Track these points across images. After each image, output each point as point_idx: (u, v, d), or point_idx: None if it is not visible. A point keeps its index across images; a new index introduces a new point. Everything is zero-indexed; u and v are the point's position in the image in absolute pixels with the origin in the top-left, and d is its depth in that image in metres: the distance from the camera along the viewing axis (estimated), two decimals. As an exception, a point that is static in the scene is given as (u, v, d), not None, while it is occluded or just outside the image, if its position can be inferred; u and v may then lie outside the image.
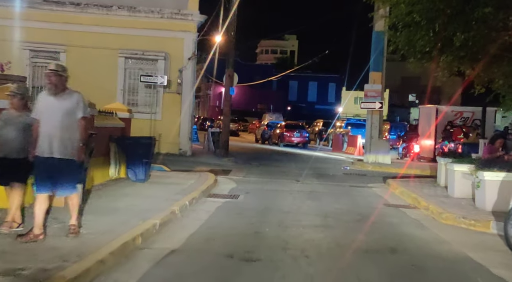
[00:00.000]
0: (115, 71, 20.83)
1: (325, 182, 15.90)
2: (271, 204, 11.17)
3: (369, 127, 22.41)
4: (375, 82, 22.34)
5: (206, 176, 14.28)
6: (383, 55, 22.27)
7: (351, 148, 30.46)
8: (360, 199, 12.54)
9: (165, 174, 14.11)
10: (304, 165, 22.23)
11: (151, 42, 20.91)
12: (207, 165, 19.00)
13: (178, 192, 11.02)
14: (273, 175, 17.41)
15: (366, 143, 22.63)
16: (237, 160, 22.26)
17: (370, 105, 22.22)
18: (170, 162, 18.53)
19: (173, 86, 21.05)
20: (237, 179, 15.35)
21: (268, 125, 38.51)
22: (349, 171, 20.47)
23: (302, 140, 34.49)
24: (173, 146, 21.08)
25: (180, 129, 21.13)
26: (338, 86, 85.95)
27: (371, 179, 17.62)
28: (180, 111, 21.11)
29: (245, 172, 17.65)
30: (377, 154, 22.29)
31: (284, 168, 20.47)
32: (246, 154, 26.53)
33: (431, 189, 13.57)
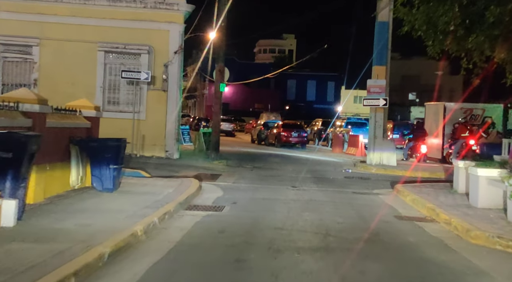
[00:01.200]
0: (93, 67, 18.99)
1: (324, 188, 14.09)
2: (261, 218, 9.35)
3: (373, 126, 20.60)
4: (378, 77, 20.53)
5: (189, 182, 12.46)
6: (387, 47, 20.46)
7: (352, 148, 28.65)
8: (366, 210, 10.73)
9: (142, 181, 12.30)
10: (302, 167, 20.43)
11: (133, 34, 19.08)
12: (194, 169, 17.19)
13: (149, 204, 9.20)
14: (267, 180, 15.61)
15: (369, 143, 20.82)
16: (229, 162, 20.45)
17: (373, 102, 20.41)
18: (153, 166, 16.74)
19: (158, 82, 19.23)
20: (225, 186, 13.53)
21: (265, 125, 36.71)
22: (351, 174, 18.66)
23: (300, 140, 32.68)
24: (158, 148, 19.27)
25: (166, 130, 19.30)
26: (337, 85, 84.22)
27: (376, 183, 15.82)
28: (166, 110, 19.29)
29: (236, 177, 15.85)
30: (382, 155, 20.49)
31: (280, 171, 18.67)
32: (239, 156, 24.71)
33: (448, 196, 11.75)
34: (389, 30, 20.33)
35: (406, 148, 24.37)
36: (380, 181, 16.64)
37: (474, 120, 23.23)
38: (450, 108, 23.24)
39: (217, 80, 19.79)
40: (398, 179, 17.35)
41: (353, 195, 12.97)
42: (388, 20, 20.30)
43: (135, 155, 18.84)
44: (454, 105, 23.53)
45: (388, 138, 20.89)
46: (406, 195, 12.10)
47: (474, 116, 23.37)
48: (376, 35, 20.45)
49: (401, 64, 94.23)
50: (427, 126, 24.85)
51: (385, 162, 20.47)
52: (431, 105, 25.20)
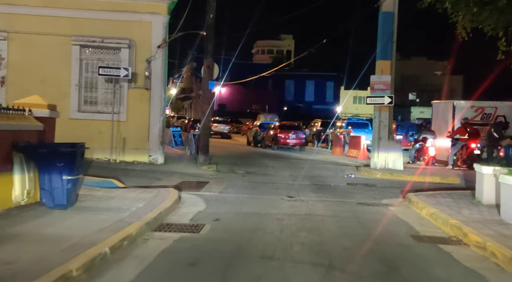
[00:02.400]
0: (68, 63, 17.14)
1: (325, 198, 12.24)
2: (247, 242, 7.51)
3: (377, 126, 18.75)
4: (383, 73, 18.69)
5: (166, 194, 10.61)
6: (392, 40, 18.61)
7: (354, 150, 26.80)
8: (377, 228, 8.87)
9: (110, 192, 10.43)
10: (299, 172, 18.59)
11: (112, 26, 17.24)
12: (179, 176, 15.35)
13: (107, 226, 7.36)
14: (259, 188, 13.77)
15: (374, 144, 18.98)
16: (220, 167, 18.62)
17: (377, 100, 18.58)
18: (132, 174, 14.92)
19: (140, 80, 17.39)
20: (210, 196, 11.69)
21: (261, 126, 34.83)
22: (354, 179, 16.82)
23: (298, 142, 30.81)
24: (141, 153, 17.43)
25: (149, 132, 17.45)
26: (336, 85, 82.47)
27: (383, 191, 13.98)
28: (149, 110, 17.44)
29: (224, 185, 14.00)
30: (387, 158, 18.65)
31: (275, 177, 16.82)
32: (232, 160, 22.87)
33: (472, 209, 9.91)
34: (395, 21, 18.50)
35: (412, 150, 22.53)
36: (387, 188, 14.80)
37: (485, 119, 21.42)
38: (460, 106, 21.42)
39: (206, 78, 17.95)
40: (406, 185, 15.55)
41: (359, 206, 11.12)
42: (393, 10, 18.48)
43: (114, 161, 17.01)
44: (464, 103, 21.70)
45: (394, 140, 19.07)
46: (422, 207, 10.25)
47: (486, 115, 21.55)
48: (380, 27, 18.62)
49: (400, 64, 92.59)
50: (434, 127, 23.03)
51: (391, 166, 18.63)
52: (439, 104, 23.36)
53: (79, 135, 17.01)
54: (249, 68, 71.17)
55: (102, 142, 17.03)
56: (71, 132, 16.95)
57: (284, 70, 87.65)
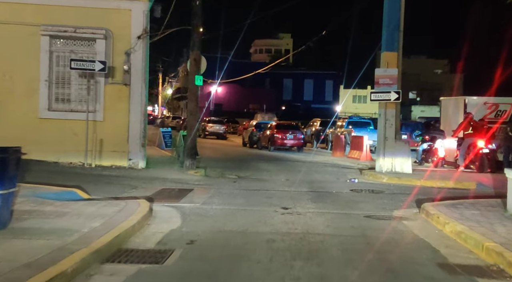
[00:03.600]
0: (36, 56, 15.32)
1: (326, 209, 10.42)
2: (225, 277, 5.70)
3: (382, 125, 16.94)
4: (389, 66, 16.88)
5: (135, 207, 8.78)
6: (399, 29, 16.81)
7: (355, 151, 25.00)
8: (392, 251, 7.06)
9: (64, 207, 8.59)
10: (297, 176, 16.80)
11: (86, 15, 15.45)
12: (161, 182, 13.55)
13: (39, 257, 5.54)
14: (250, 197, 11.95)
15: (379, 145, 17.17)
16: (209, 171, 16.85)
17: (383, 96, 16.77)
18: (105, 181, 13.11)
19: (118, 75, 15.58)
20: (190, 209, 9.87)
21: (257, 126, 33.01)
22: (358, 185, 15.03)
23: (296, 143, 29.01)
24: (120, 156, 15.61)
25: (129, 133, 15.65)
26: (336, 84, 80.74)
27: (393, 199, 12.16)
28: (129, 109, 15.63)
29: (210, 193, 12.19)
30: (394, 160, 16.84)
31: (269, 182, 15.01)
32: (225, 162, 21.07)
33: (507, 224, 8.09)
34: (402, 8, 16.71)
35: (420, 151, 20.74)
36: (397, 195, 12.99)
37: (500, 117, 19.62)
38: (472, 103, 19.61)
39: (192, 72, 16.12)
40: (417, 191, 13.75)
41: (366, 220, 9.30)
42: (399, -4, 16.72)
43: (89, 165, 15.19)
44: (476, 99, 19.89)
45: (401, 140, 17.26)
46: (444, 222, 8.43)
47: (500, 112, 19.75)
48: (386, 14, 16.81)
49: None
50: (443, 126, 21.23)
51: (398, 169, 16.82)
52: (449, 101, 21.54)
53: (50, 138, 15.32)
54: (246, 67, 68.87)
55: (77, 144, 15.27)
56: (40, 134, 15.22)
57: (282, 69, 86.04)
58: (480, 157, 17.46)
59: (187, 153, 16.23)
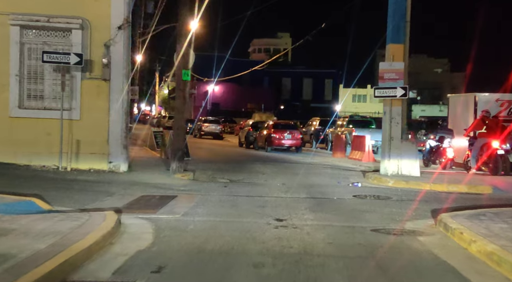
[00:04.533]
0: (5, 48, 13.84)
1: (327, 221, 8.98)
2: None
3: (388, 124, 15.50)
4: (394, 59, 15.44)
5: (99, 221, 7.34)
6: (405, 19, 15.37)
7: (357, 152, 23.59)
8: (411, 279, 5.63)
9: (11, 222, 7.14)
10: (294, 179, 15.40)
11: (60, 2, 14.01)
12: (142, 188, 12.13)
13: None
14: (240, 205, 10.51)
15: (384, 146, 15.73)
16: (199, 175, 15.43)
17: (388, 93, 15.34)
18: (77, 187, 11.69)
19: (97, 69, 14.13)
20: (167, 222, 8.43)
21: (254, 126, 31.55)
22: (362, 189, 13.61)
23: (294, 143, 27.58)
24: (99, 159, 14.17)
25: (109, 133, 14.20)
26: (335, 83, 79.35)
27: (402, 207, 10.73)
28: (109, 106, 14.19)
29: (195, 201, 10.75)
30: (400, 162, 15.39)
31: (264, 187, 13.57)
32: (218, 164, 19.63)
33: (547, 244, 6.66)
34: (408, -4, 15.29)
35: (426, 151, 19.31)
36: (406, 201, 11.57)
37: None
38: (483, 100, 18.16)
39: (179, 66, 14.67)
40: (428, 196, 12.37)
41: (375, 236, 7.86)
42: (406, -17, 15.29)
43: (64, 169, 13.75)
44: (488, 96, 18.44)
45: (408, 140, 15.82)
46: (470, 240, 6.99)
47: (513, 109, 18.32)
48: (392, 3, 15.35)
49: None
50: (451, 124, 19.82)
51: (405, 172, 15.38)
52: (457, 98, 20.09)
53: (21, 138, 13.81)
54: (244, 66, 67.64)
55: (51, 146, 13.85)
56: (11, 135, 13.76)
57: (280, 68, 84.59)
58: (495, 158, 16.05)
59: (174, 155, 14.77)
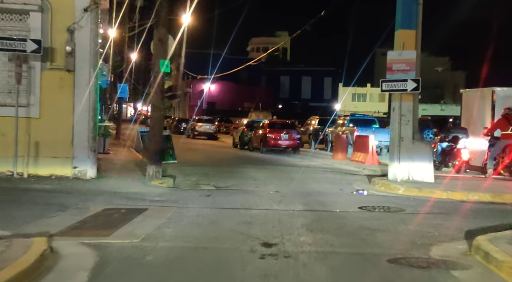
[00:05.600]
0: (-50, 33, 11.88)
1: (329, 247, 6.96)
2: None
3: (397, 122, 13.50)
4: (404, 47, 13.44)
5: (16, 254, 5.33)
6: (417, 1, 13.39)
7: (360, 153, 21.60)
8: None
9: None
10: (290, 186, 13.42)
11: (15, -19, 12.01)
12: (108, 199, 10.15)
13: None
14: (221, 222, 8.50)
15: (393, 147, 13.73)
16: (182, 180, 13.54)
17: (397, 86, 13.34)
18: (26, 198, 9.70)
19: (59, 58, 12.12)
20: (119, 249, 6.42)
21: (248, 125, 29.53)
22: (368, 199, 11.62)
23: (291, 144, 25.58)
24: (62, 163, 12.16)
25: (74, 134, 12.19)
26: (334, 81, 77.35)
27: (421, 223, 8.73)
28: (73, 102, 12.17)
29: (167, 216, 8.74)
30: (411, 166, 13.41)
31: (254, 196, 11.56)
32: (206, 168, 17.63)
33: None
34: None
35: (438, 153, 17.31)
36: (423, 215, 9.60)
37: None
38: (502, 95, 16.19)
39: (157, 55, 12.66)
40: (447, 207, 10.41)
41: (395, 270, 5.86)
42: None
43: (20, 175, 11.75)
44: (508, 90, 16.44)
45: (421, 141, 13.82)
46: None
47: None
48: (401, -18, 13.39)
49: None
50: (464, 122, 17.83)
51: (417, 177, 13.40)
52: (472, 93, 18.06)
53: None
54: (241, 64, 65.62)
55: (5, 148, 11.88)
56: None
57: (278, 66, 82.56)
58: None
59: (151, 159, 12.74)
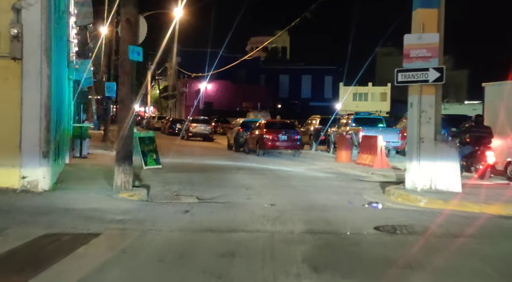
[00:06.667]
0: None
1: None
2: None
3: (416, 119, 11.26)
4: (425, 29, 11.17)
5: None
6: (440, -26, 11.16)
7: (367, 155, 19.35)
8: None
9: None
10: (288, 197, 11.20)
11: None
12: (56, 219, 7.98)
13: None
14: (193, 256, 6.25)
15: (411, 150, 11.46)
16: (159, 190, 11.35)
17: (416, 77, 11.10)
18: None
19: (3, 43, 9.88)
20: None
21: (244, 125, 27.25)
22: (384, 214, 9.38)
23: (291, 145, 23.30)
24: (7, 172, 9.90)
25: (22, 136, 9.93)
26: (335, 80, 75.09)
27: (464, 255, 6.48)
28: (21, 97, 9.91)
29: (123, 246, 6.53)
30: (434, 173, 11.16)
31: (242, 212, 9.30)
32: (193, 174, 15.37)
33: None
34: None
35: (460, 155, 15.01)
36: (460, 239, 7.34)
37: None
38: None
39: (125, 39, 10.41)
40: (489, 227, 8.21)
41: None
42: None
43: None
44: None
45: (445, 142, 11.55)
46: None
47: None
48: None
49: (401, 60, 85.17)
50: (488, 120, 15.54)
51: (441, 185, 11.15)
52: (498, 87, 15.75)
53: None
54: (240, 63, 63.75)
55: None
56: None
57: (278, 64, 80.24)
58: None
59: (119, 165, 10.47)
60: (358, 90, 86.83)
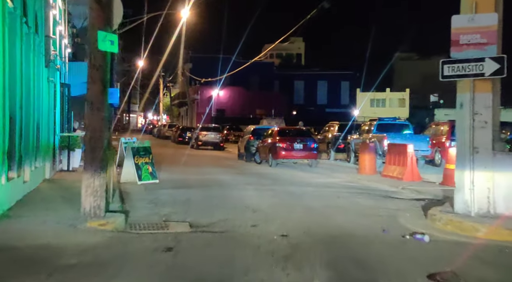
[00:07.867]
0: None
1: None
2: None
3: (467, 124, 8.80)
4: (478, 9, 8.73)
5: None
6: None
7: (394, 166, 16.82)
8: None
9: None
10: (304, 223, 8.80)
11: None
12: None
13: None
14: None
15: (462, 162, 8.97)
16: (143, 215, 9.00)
17: (468, 69, 8.67)
18: None
19: None
20: None
21: (255, 133, 24.89)
22: (435, 251, 6.97)
23: (307, 155, 20.87)
24: None
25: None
26: (352, 85, 72.52)
27: None
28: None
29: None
30: (494, 190, 8.68)
31: (244, 248, 6.92)
32: (191, 191, 12.98)
33: None
34: None
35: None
36: None
37: None
38: None
39: (94, 25, 8.13)
40: None
41: None
42: None
43: None
44: None
45: (506, 152, 9.08)
46: None
47: None
48: None
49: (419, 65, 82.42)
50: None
51: (502, 208, 8.66)
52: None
53: None
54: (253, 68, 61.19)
55: None
56: None
57: (292, 70, 77.93)
58: None
59: (87, 185, 8.13)
60: (375, 96, 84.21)
